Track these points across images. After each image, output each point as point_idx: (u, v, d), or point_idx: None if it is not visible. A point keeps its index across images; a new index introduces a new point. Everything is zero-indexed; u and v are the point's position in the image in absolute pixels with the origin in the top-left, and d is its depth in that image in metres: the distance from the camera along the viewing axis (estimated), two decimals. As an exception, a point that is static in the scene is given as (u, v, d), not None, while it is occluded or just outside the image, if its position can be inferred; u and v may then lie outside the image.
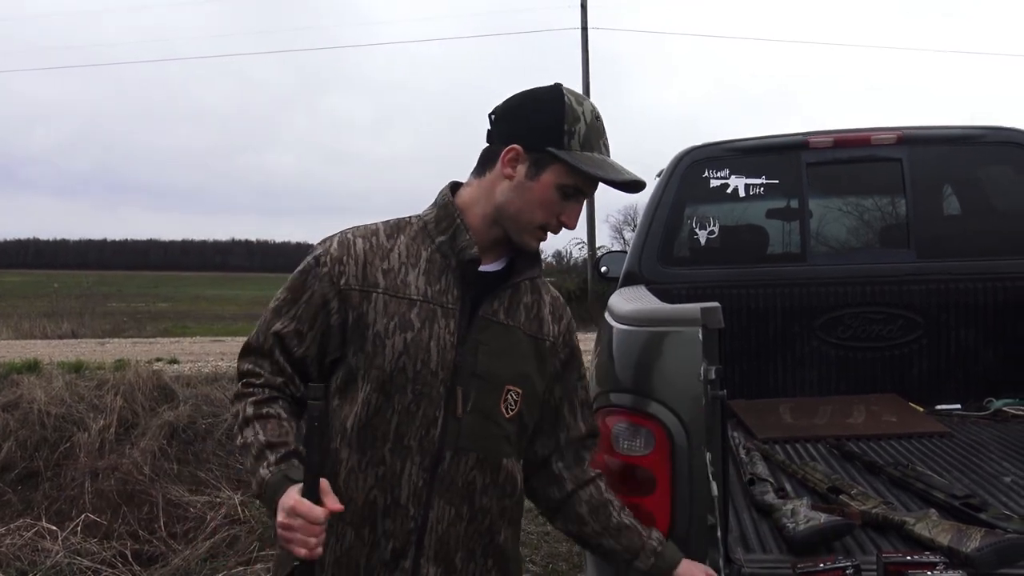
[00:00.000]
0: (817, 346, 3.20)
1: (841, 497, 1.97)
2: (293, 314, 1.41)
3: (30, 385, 6.96)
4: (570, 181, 1.39)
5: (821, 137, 3.30)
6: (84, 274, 29.18)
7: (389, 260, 1.41)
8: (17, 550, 3.54)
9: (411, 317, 1.37)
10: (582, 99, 1.42)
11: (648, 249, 3.23)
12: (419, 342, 1.37)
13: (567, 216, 1.42)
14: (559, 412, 1.55)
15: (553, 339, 1.52)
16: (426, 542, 1.39)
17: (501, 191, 1.41)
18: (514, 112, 1.43)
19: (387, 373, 1.36)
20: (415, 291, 1.39)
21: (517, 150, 1.39)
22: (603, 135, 1.42)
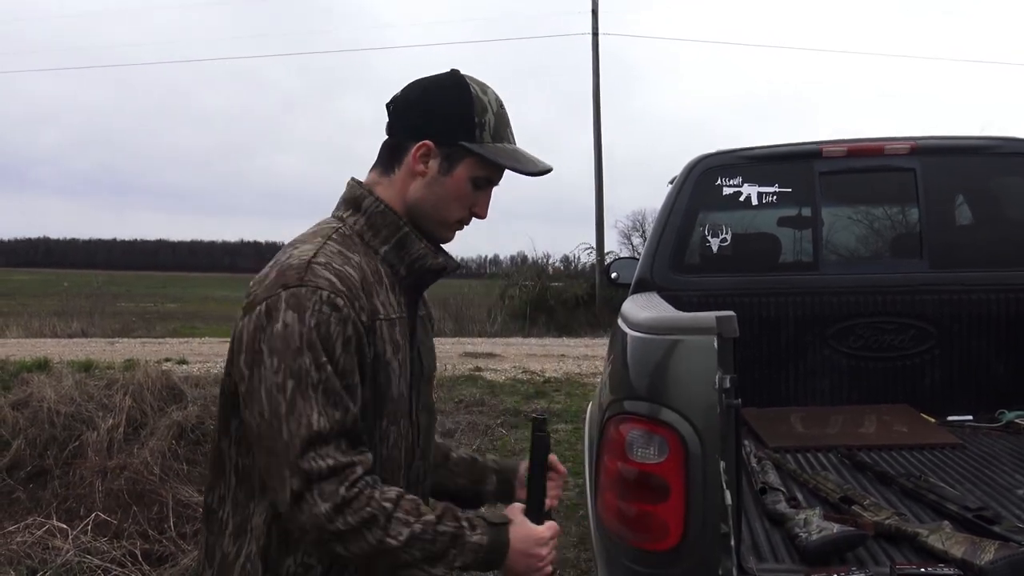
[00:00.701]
0: (829, 355, 3.19)
1: (853, 507, 1.96)
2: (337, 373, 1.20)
3: (40, 384, 6.99)
4: (482, 173, 1.36)
5: (834, 146, 3.30)
6: (94, 274, 29.31)
7: (366, 280, 1.30)
8: (28, 548, 3.56)
9: (397, 336, 1.33)
10: (485, 87, 1.38)
11: (660, 256, 3.24)
12: (404, 359, 1.34)
13: (479, 207, 1.40)
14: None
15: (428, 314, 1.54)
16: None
17: (414, 188, 1.35)
18: (419, 105, 1.35)
19: (395, 401, 1.32)
20: (392, 308, 1.33)
21: (428, 146, 1.33)
22: (509, 123, 1.40)
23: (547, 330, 16.92)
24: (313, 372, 1.16)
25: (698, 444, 1.63)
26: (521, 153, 1.39)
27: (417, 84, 1.39)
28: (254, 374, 1.18)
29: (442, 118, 1.34)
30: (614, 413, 1.78)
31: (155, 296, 34.39)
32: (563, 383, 9.03)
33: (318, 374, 1.17)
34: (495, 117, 1.36)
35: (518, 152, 1.39)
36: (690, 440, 1.63)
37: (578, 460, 5.74)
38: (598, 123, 19.61)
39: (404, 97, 1.38)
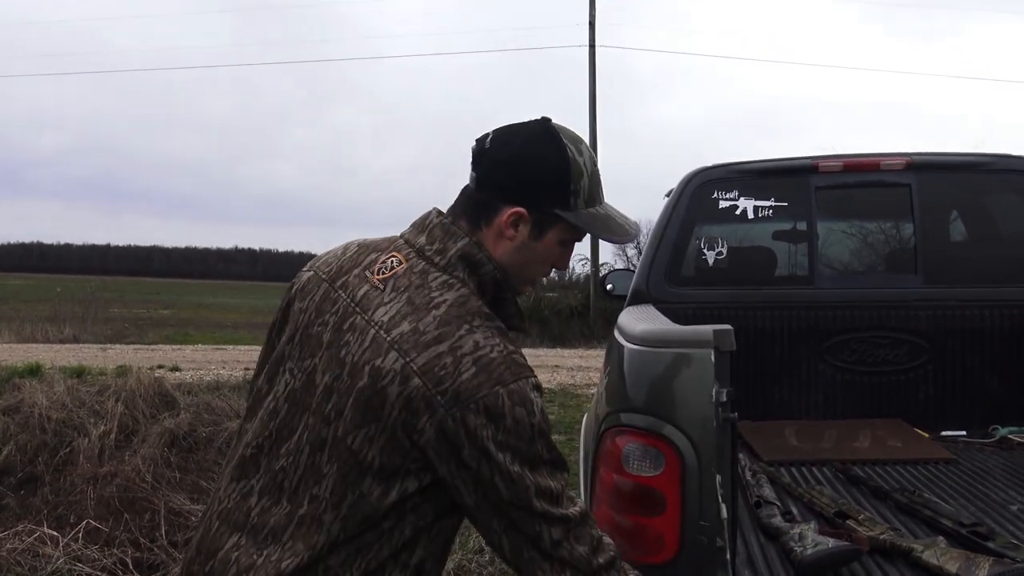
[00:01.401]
0: (823, 369, 3.20)
1: (848, 522, 1.97)
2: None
3: (31, 389, 6.96)
4: (572, 236, 1.35)
5: (830, 161, 3.32)
6: (87, 279, 29.20)
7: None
8: (17, 555, 3.53)
9: None
10: (580, 144, 1.33)
11: (656, 268, 3.24)
12: None
13: (561, 262, 1.40)
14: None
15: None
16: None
17: (503, 251, 1.32)
18: (513, 164, 1.30)
19: None
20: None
21: (522, 213, 1.29)
22: (601, 182, 1.37)
23: (541, 340, 16.92)
24: (546, 454, 1.24)
25: (695, 457, 1.63)
26: (613, 219, 1.37)
27: (510, 136, 1.33)
28: (481, 466, 1.19)
29: (537, 184, 1.30)
30: (610, 425, 1.78)
31: (148, 302, 34.30)
32: (557, 394, 9.02)
33: (550, 455, 1.25)
34: (589, 180, 1.33)
35: (610, 219, 1.36)
36: (687, 453, 1.63)
37: (572, 471, 5.73)
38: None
39: (496, 149, 1.32)
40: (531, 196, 1.30)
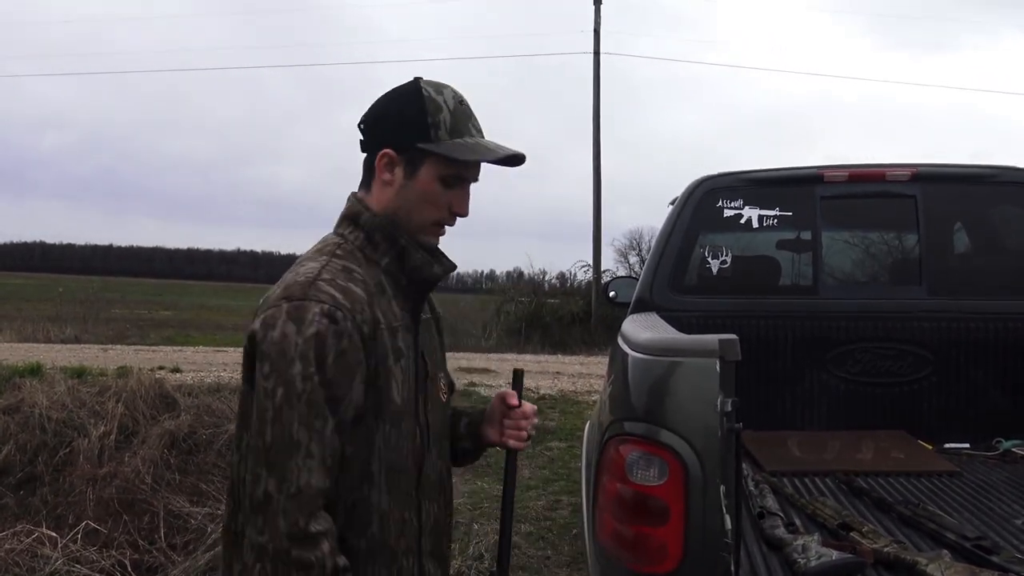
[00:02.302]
0: (826, 380, 3.19)
1: (852, 534, 1.95)
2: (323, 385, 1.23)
3: (32, 389, 6.94)
4: (449, 171, 1.37)
5: (836, 171, 3.31)
6: (89, 279, 29.21)
7: (370, 292, 1.34)
8: (16, 555, 3.52)
9: (399, 343, 1.36)
10: (441, 87, 1.40)
11: (660, 276, 3.24)
12: (409, 363, 1.38)
13: (457, 205, 1.41)
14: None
15: (439, 315, 1.60)
16: (423, 543, 1.43)
17: (387, 198, 1.39)
18: (377, 116, 1.40)
19: (399, 405, 1.35)
20: (394, 317, 1.36)
21: (389, 154, 1.37)
22: (471, 117, 1.40)
23: (542, 347, 16.90)
24: (299, 383, 1.20)
25: (699, 467, 1.62)
26: (482, 144, 1.39)
27: (379, 98, 1.43)
28: (251, 380, 1.25)
29: (397, 124, 1.37)
30: (614, 434, 1.78)
31: (150, 303, 34.32)
32: (558, 400, 9.01)
33: (303, 384, 1.20)
34: (451, 114, 1.37)
35: (479, 144, 1.38)
36: (691, 463, 1.63)
37: (573, 479, 5.72)
38: (597, 142, 19.68)
39: (368, 112, 1.42)
40: (392, 136, 1.37)
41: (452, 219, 1.42)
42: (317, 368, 1.21)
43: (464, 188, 1.41)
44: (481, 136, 1.41)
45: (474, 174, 1.42)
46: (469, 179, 1.41)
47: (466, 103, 1.41)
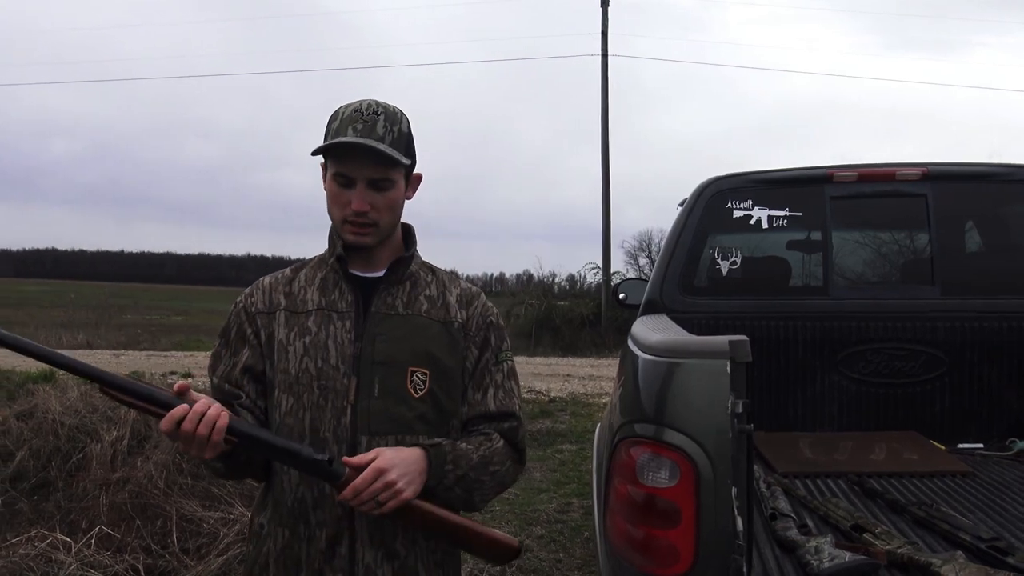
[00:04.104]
0: (838, 380, 3.18)
1: (865, 536, 1.94)
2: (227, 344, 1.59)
3: (45, 395, 6.99)
4: (334, 169, 1.51)
5: (845, 171, 3.30)
6: (101, 285, 29.36)
7: (291, 286, 1.60)
8: (30, 560, 3.54)
9: (308, 324, 1.54)
10: (361, 103, 1.52)
11: (670, 277, 3.24)
12: (317, 343, 1.52)
13: (353, 203, 1.51)
14: (465, 389, 1.61)
15: (462, 322, 1.61)
16: (357, 527, 1.49)
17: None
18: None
19: (293, 375, 1.51)
20: (311, 303, 1.56)
21: (322, 165, 1.56)
22: (354, 121, 1.49)
23: (552, 349, 16.90)
24: (219, 339, 1.61)
25: (710, 469, 1.62)
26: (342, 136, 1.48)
27: None
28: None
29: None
30: (625, 436, 1.77)
31: (161, 309, 34.45)
32: (568, 403, 9.00)
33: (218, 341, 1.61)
34: (340, 121, 1.49)
35: (339, 136, 1.48)
36: (702, 465, 1.62)
37: (583, 481, 5.72)
38: (606, 144, 19.66)
39: None
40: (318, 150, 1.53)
41: (354, 216, 1.51)
42: (223, 334, 1.61)
43: (359, 187, 1.50)
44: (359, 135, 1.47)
45: (353, 170, 1.49)
46: (353, 176, 1.49)
47: (362, 111, 1.50)
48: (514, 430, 1.63)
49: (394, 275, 1.59)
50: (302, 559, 1.50)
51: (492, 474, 1.56)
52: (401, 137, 1.52)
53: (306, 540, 1.50)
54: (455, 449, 1.52)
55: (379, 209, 1.52)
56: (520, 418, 1.66)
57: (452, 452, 1.51)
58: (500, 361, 1.65)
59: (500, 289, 29.54)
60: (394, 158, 1.48)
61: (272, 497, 1.55)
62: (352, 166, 1.49)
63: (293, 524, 1.51)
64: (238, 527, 3.86)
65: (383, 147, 1.46)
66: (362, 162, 1.48)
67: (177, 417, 1.32)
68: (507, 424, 1.62)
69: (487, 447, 1.56)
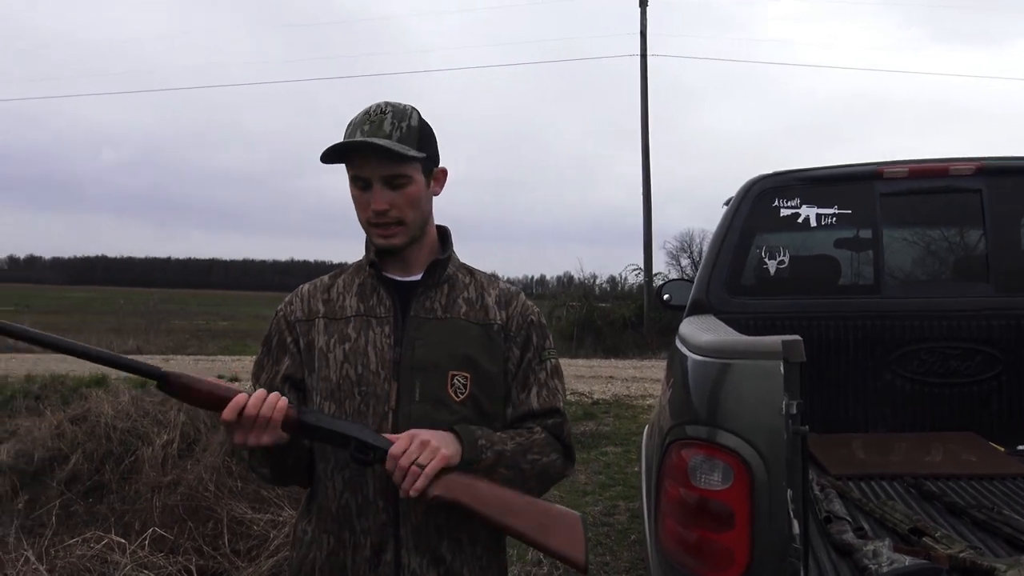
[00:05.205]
0: (891, 380, 3.11)
1: (924, 539, 1.90)
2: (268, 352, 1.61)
3: (97, 399, 7.15)
4: (351, 173, 1.50)
5: (896, 167, 3.23)
6: (149, 291, 29.95)
7: (330, 293, 1.61)
8: (87, 561, 3.61)
9: (348, 331, 1.54)
10: (372, 107, 1.52)
11: (716, 278, 3.20)
12: (357, 349, 1.52)
13: (372, 203, 1.50)
14: (508, 389, 1.60)
15: (501, 323, 1.60)
16: (402, 534, 1.48)
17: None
18: None
19: (334, 382, 1.51)
20: (350, 310, 1.56)
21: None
22: (362, 124, 1.48)
23: (594, 351, 16.84)
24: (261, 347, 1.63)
25: (764, 471, 1.59)
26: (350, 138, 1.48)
27: None
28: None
29: None
30: (675, 438, 1.75)
31: (208, 314, 35.05)
32: (612, 405, 8.96)
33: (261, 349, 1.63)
34: (352, 126, 1.50)
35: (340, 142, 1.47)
36: (756, 467, 1.59)
37: (629, 483, 5.68)
38: (646, 144, 19.55)
39: None
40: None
41: (376, 218, 1.50)
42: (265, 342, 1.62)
43: (370, 188, 1.49)
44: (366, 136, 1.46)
45: (366, 171, 1.48)
46: (368, 176, 1.48)
47: (371, 112, 1.50)
48: (558, 426, 1.61)
49: (431, 278, 1.58)
50: (347, 566, 1.49)
51: (532, 463, 1.53)
52: (411, 132, 1.49)
53: (351, 547, 1.49)
54: (484, 429, 1.50)
55: (399, 206, 1.50)
56: (564, 414, 1.64)
57: (481, 429, 1.49)
58: (543, 360, 1.63)
59: (541, 291, 29.49)
60: (401, 153, 1.45)
61: (316, 503, 1.55)
62: (364, 167, 1.48)
63: (338, 531, 1.51)
64: (287, 529, 3.90)
65: (387, 143, 1.44)
66: (372, 162, 1.47)
67: (240, 404, 1.35)
68: (551, 420, 1.60)
69: (525, 436, 1.55)
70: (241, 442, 1.37)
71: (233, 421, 1.35)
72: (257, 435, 1.36)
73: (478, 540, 1.54)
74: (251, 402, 1.35)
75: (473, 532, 1.53)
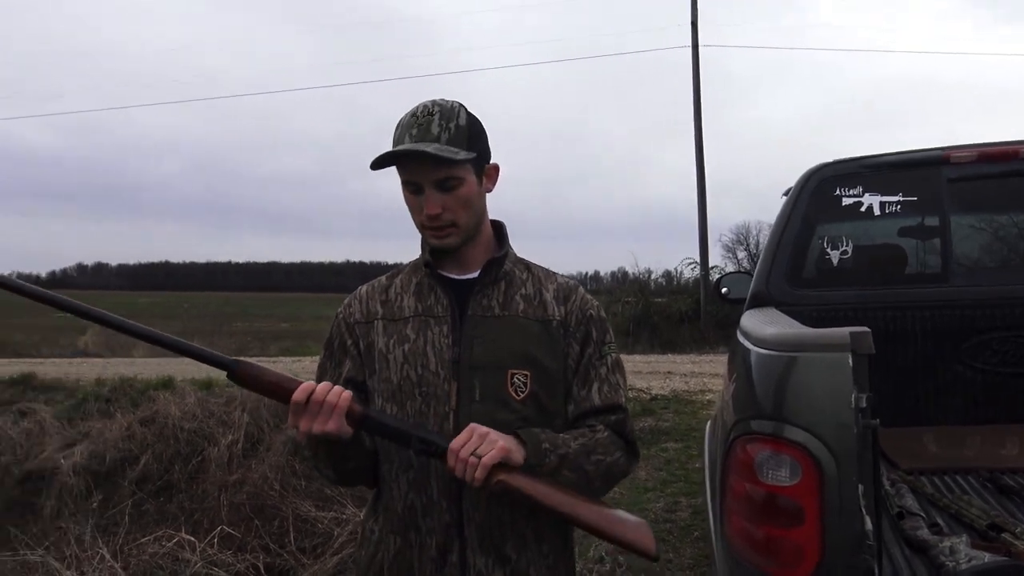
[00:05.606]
0: (962, 372, 3.02)
1: (1003, 535, 1.83)
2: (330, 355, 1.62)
3: (165, 401, 7.36)
4: (402, 177, 1.50)
5: (963, 151, 3.13)
6: (211, 295, 30.65)
7: (388, 294, 1.61)
8: (159, 559, 3.71)
9: (407, 331, 1.54)
10: (417, 107, 1.50)
11: (776, 269, 3.13)
12: (416, 350, 1.52)
13: (425, 208, 1.49)
14: (569, 386, 1.58)
15: (560, 318, 1.58)
16: (467, 533, 1.48)
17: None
18: None
19: (395, 384, 1.51)
20: (408, 310, 1.56)
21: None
22: (410, 128, 1.47)
23: (651, 347, 16.70)
24: (323, 350, 1.64)
25: (834, 466, 1.55)
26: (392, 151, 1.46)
27: None
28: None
29: None
30: (740, 433, 1.72)
31: (269, 317, 35.69)
32: (671, 400, 8.87)
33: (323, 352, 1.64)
34: (400, 129, 1.48)
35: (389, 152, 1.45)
36: (825, 462, 1.56)
37: (690, 479, 5.62)
38: (699, 135, 19.29)
39: None
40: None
41: (430, 221, 1.50)
42: (327, 343, 1.63)
43: (421, 191, 1.49)
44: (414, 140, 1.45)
45: (417, 176, 1.47)
46: (419, 181, 1.47)
47: (418, 115, 1.48)
48: (621, 422, 1.59)
49: (488, 276, 1.57)
50: (414, 567, 1.50)
51: (596, 463, 1.51)
52: (459, 132, 1.47)
53: (417, 547, 1.50)
54: (547, 432, 1.49)
55: (452, 209, 1.49)
56: (626, 410, 1.62)
57: (544, 432, 1.48)
58: (604, 355, 1.60)
59: (595, 288, 29.37)
60: (449, 158, 1.43)
61: (383, 504, 1.56)
62: (415, 172, 1.47)
63: (404, 531, 1.51)
64: (351, 527, 3.95)
65: (434, 149, 1.43)
66: (423, 167, 1.46)
67: (310, 387, 1.38)
68: (613, 417, 1.58)
69: (588, 436, 1.52)
70: (306, 428, 1.38)
71: (302, 403, 1.37)
72: (322, 421, 1.37)
73: (544, 538, 1.53)
74: (320, 387, 1.38)
75: (539, 530, 1.52)
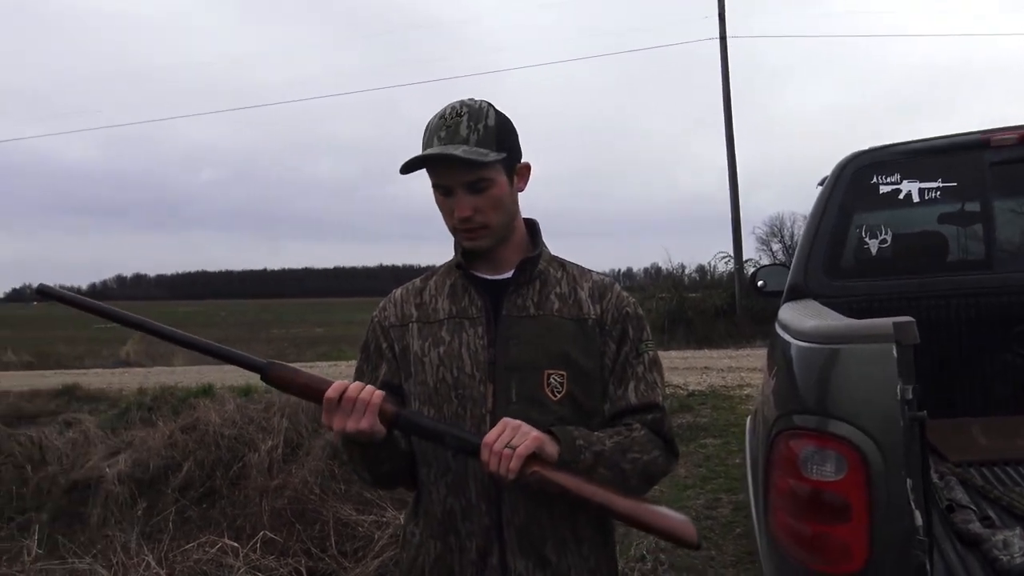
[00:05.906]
0: (1011, 360, 2.94)
1: (1059, 528, 1.78)
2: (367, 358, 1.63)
3: (205, 408, 7.46)
4: (432, 180, 1.49)
5: (1005, 134, 3.05)
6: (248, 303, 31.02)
7: (422, 296, 1.60)
8: (203, 565, 3.76)
9: (442, 334, 1.52)
10: (446, 108, 1.49)
11: (813, 261, 3.08)
12: (452, 352, 1.51)
13: (456, 210, 1.48)
14: (606, 385, 1.55)
15: (596, 317, 1.56)
16: (507, 536, 1.47)
17: None
18: None
19: (431, 387, 1.50)
20: (442, 312, 1.55)
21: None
22: (438, 130, 1.46)
23: (686, 342, 16.56)
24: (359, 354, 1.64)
25: (880, 460, 1.52)
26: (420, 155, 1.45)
27: None
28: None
29: None
30: (783, 428, 1.69)
31: (304, 322, 36.01)
32: (709, 396, 8.78)
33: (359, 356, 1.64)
34: (429, 131, 1.48)
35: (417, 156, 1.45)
36: (871, 456, 1.52)
37: (730, 476, 5.56)
38: (730, 128, 19.12)
39: None
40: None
41: (461, 223, 1.49)
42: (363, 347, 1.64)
43: (452, 194, 1.48)
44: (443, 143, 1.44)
45: (446, 179, 1.46)
46: (449, 184, 1.47)
47: (446, 117, 1.47)
48: (658, 421, 1.56)
49: (522, 276, 1.55)
50: (455, 570, 1.49)
51: (633, 461, 1.47)
52: (488, 133, 1.46)
53: (457, 551, 1.49)
54: (581, 430, 1.46)
55: (483, 210, 1.48)
56: (664, 408, 1.58)
57: (578, 430, 1.45)
58: (640, 353, 1.58)
59: (629, 284, 29.21)
60: (478, 160, 1.42)
61: (422, 507, 1.55)
62: (445, 176, 1.46)
63: (444, 535, 1.51)
64: (391, 530, 3.96)
65: (462, 151, 1.41)
66: (452, 170, 1.44)
67: (344, 385, 1.38)
68: (650, 415, 1.55)
69: (624, 435, 1.49)
70: (340, 427, 1.37)
71: (335, 401, 1.37)
72: (356, 419, 1.37)
73: (583, 539, 1.51)
74: (352, 386, 1.38)
75: (578, 530, 1.50)
